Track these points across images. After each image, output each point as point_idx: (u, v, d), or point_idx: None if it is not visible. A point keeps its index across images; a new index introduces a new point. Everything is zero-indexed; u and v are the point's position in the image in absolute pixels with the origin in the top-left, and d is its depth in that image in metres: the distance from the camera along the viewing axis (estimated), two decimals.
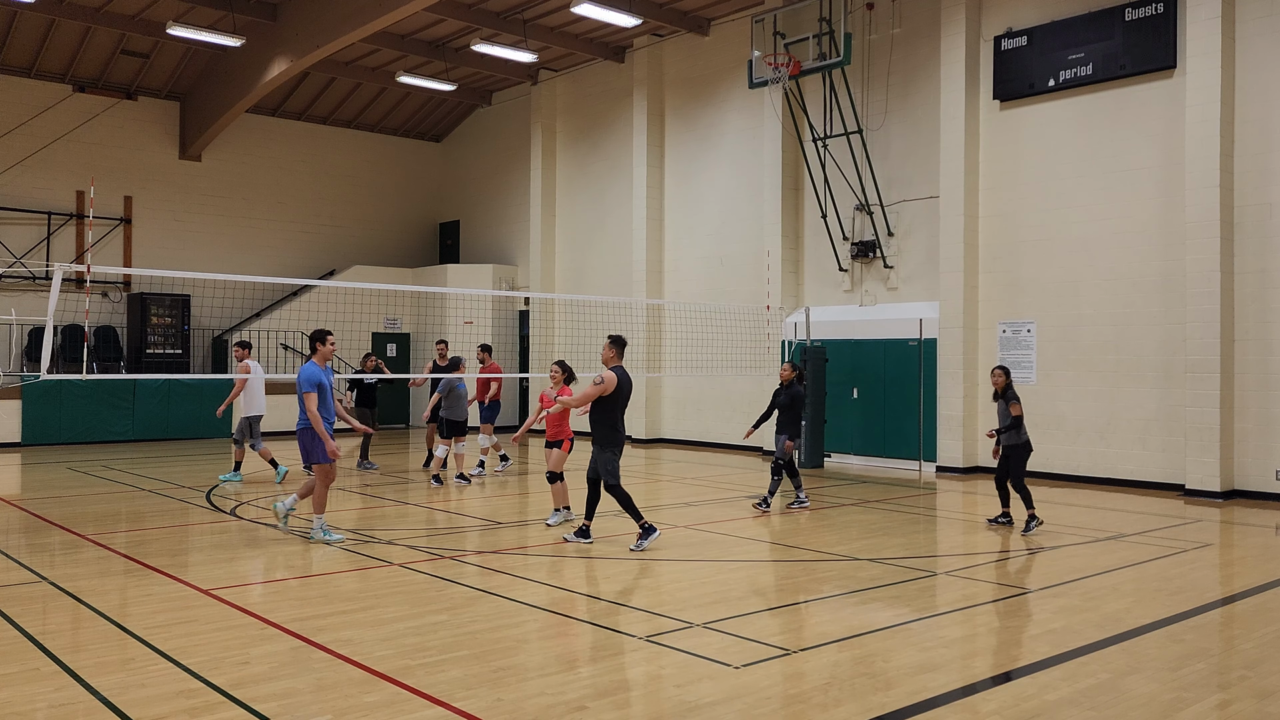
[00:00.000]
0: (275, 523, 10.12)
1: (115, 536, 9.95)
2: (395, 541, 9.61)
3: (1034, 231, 15.39)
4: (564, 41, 21.28)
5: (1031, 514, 10.43)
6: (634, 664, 5.86)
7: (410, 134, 27.73)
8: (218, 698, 5.14)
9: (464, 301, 23.97)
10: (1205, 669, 5.85)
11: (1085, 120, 14.87)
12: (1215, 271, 13.27)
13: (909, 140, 17.00)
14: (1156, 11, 14.08)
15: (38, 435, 19.50)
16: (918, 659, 5.96)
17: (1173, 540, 10.08)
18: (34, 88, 21.85)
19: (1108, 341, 14.59)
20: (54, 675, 5.50)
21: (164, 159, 23.71)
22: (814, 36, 16.52)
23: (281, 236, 25.33)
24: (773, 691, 5.39)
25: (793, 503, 12.04)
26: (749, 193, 19.58)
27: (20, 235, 21.67)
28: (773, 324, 17.85)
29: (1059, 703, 5.19)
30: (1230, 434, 13.34)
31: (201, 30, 18.85)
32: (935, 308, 16.39)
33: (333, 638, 6.23)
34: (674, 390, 21.08)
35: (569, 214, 23.93)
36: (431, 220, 28.38)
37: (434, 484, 13.68)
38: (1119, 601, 7.41)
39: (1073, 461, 14.87)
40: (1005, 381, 10.66)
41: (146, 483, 14.06)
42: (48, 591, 7.55)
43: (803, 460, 16.91)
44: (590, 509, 9.71)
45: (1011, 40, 15.61)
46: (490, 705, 5.08)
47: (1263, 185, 13.20)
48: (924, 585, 8.05)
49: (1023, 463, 10.59)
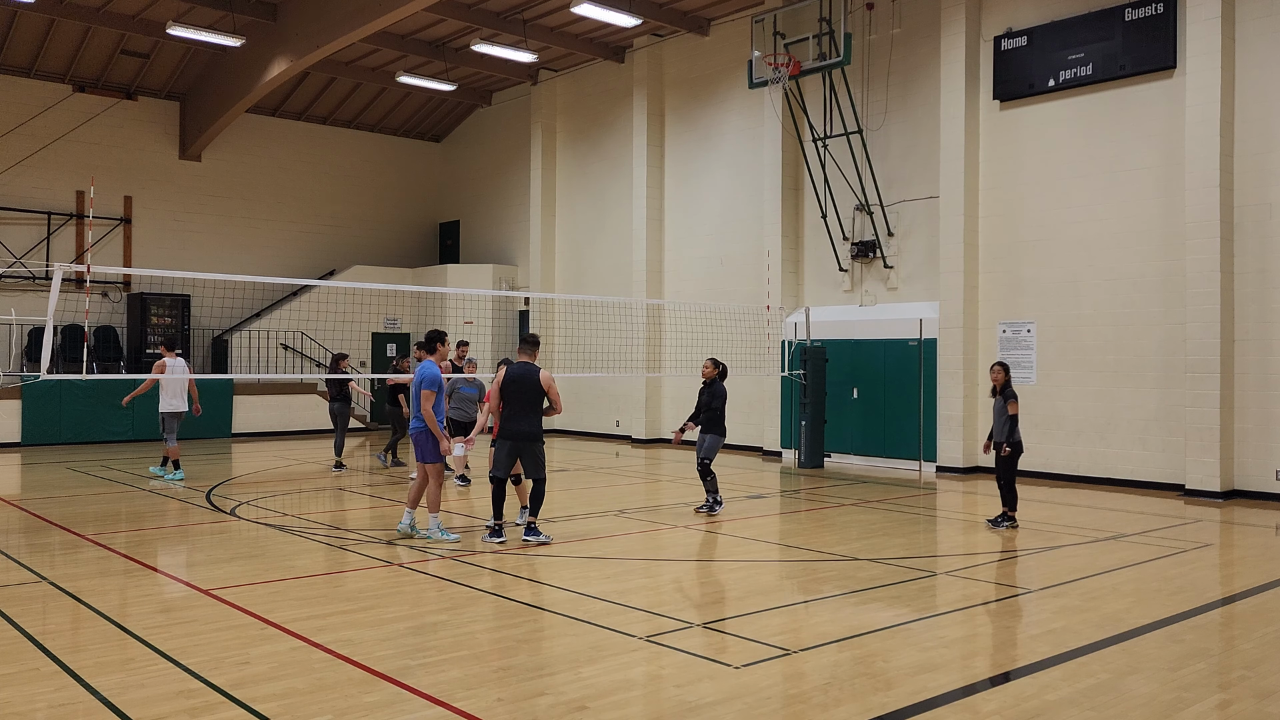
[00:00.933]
0: (408, 543, 9.56)
1: (115, 536, 9.95)
2: (395, 542, 9.61)
3: (1034, 231, 15.39)
4: (564, 41, 21.27)
5: (1011, 514, 10.49)
6: (634, 664, 5.86)
7: (410, 134, 27.73)
8: (218, 698, 5.14)
9: (464, 301, 23.96)
10: (1205, 669, 5.85)
11: (1085, 120, 14.87)
12: (1215, 271, 13.27)
13: (909, 140, 17.00)
14: (1156, 11, 14.08)
15: (38, 435, 19.50)
16: (918, 659, 5.96)
17: (1173, 540, 10.08)
18: (34, 88, 21.85)
19: (1108, 341, 14.59)
20: (54, 675, 5.50)
21: (164, 159, 23.71)
22: (814, 36, 16.52)
23: (281, 236, 25.34)
24: (773, 691, 5.39)
25: (701, 506, 11.54)
26: (749, 193, 19.58)
27: (20, 235, 21.67)
28: (773, 324, 17.85)
29: (1059, 703, 5.19)
30: (1230, 434, 13.34)
31: (201, 30, 18.84)
32: (935, 308, 16.39)
33: (333, 638, 6.23)
34: (674, 390, 21.07)
35: (569, 214, 23.93)
36: (431, 220, 28.38)
37: (460, 484, 13.63)
38: (1119, 601, 7.41)
39: (1073, 461, 14.86)
40: (1005, 378, 10.57)
41: (147, 483, 14.06)
42: (48, 591, 7.55)
43: (803, 460, 16.93)
44: (499, 507, 9.53)
45: (1011, 40, 15.61)
46: (490, 705, 5.08)
47: (1263, 185, 13.20)
48: (924, 585, 8.05)
49: (1015, 462, 10.57)
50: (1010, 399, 10.41)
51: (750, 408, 19.31)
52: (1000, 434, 10.49)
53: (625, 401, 21.72)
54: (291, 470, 15.64)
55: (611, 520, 11.15)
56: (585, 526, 10.93)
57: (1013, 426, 10.42)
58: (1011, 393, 10.46)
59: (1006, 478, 10.54)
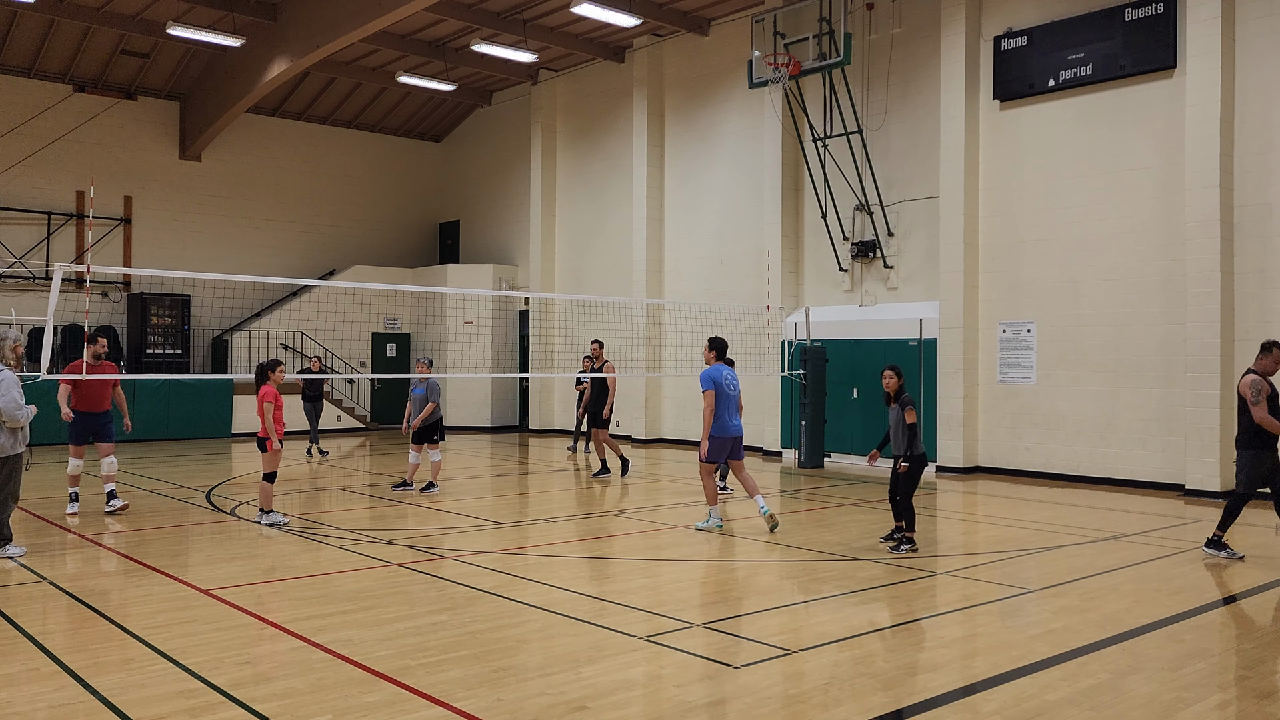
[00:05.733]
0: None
1: (115, 537, 9.95)
2: (395, 541, 9.61)
3: (1034, 231, 15.39)
4: (564, 41, 21.28)
5: (909, 535, 9.26)
6: (634, 664, 5.85)
7: (410, 134, 27.73)
8: (218, 698, 5.14)
9: (464, 301, 23.96)
10: (1205, 669, 5.84)
11: (1085, 120, 14.87)
12: (1215, 271, 13.26)
13: (909, 140, 17.00)
14: (1156, 11, 14.08)
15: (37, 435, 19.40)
16: (918, 659, 5.95)
17: (1173, 540, 10.08)
18: (34, 88, 21.85)
19: (1108, 341, 14.58)
20: (54, 675, 5.50)
21: (164, 159, 23.72)
22: (814, 36, 16.52)
23: (281, 236, 25.34)
24: (773, 691, 5.39)
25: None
26: (749, 193, 19.58)
27: (20, 235, 21.68)
28: (773, 324, 17.85)
29: (1059, 703, 5.19)
30: (1230, 434, 13.29)
31: (201, 30, 18.85)
32: (935, 308, 16.39)
33: (333, 638, 6.23)
34: (674, 390, 21.07)
35: (569, 214, 23.93)
36: (431, 220, 28.39)
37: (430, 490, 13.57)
38: (1119, 601, 7.41)
39: (1073, 461, 14.86)
40: (898, 383, 9.39)
41: (146, 483, 14.06)
42: (48, 591, 7.55)
43: (803, 460, 16.93)
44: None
45: (1011, 40, 15.61)
46: (490, 705, 5.07)
47: (1263, 185, 13.20)
48: (924, 585, 8.05)
49: (916, 477, 9.28)
50: (908, 406, 9.23)
51: (750, 408, 19.28)
52: (900, 446, 9.29)
53: (625, 401, 21.70)
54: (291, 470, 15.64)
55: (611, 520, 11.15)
56: (585, 526, 10.93)
57: (912, 437, 9.21)
58: (908, 399, 9.30)
59: (905, 491, 9.23)
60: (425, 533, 10.28)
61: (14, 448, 8.78)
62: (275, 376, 10.54)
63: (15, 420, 8.63)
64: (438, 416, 13.38)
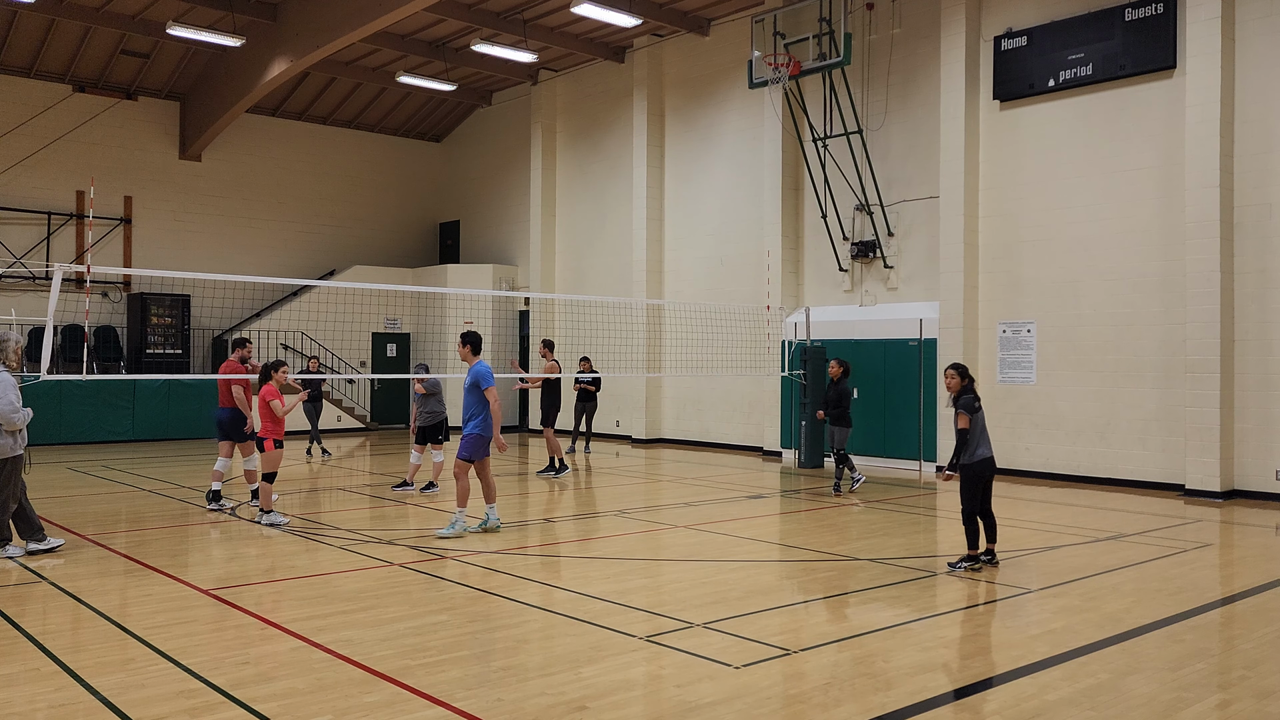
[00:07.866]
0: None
1: (115, 536, 9.95)
2: (395, 541, 9.61)
3: (1034, 231, 15.39)
4: (564, 41, 21.27)
5: (973, 553, 8.55)
6: (634, 664, 5.85)
7: (410, 134, 27.73)
8: (218, 698, 5.14)
9: (464, 301, 23.96)
10: (1205, 669, 5.85)
11: (1085, 120, 14.87)
12: (1215, 271, 13.26)
13: (909, 140, 17.00)
14: (1156, 12, 14.07)
15: (37, 435, 19.44)
16: (918, 659, 5.96)
17: (1173, 540, 10.08)
18: (34, 88, 21.85)
19: (1108, 341, 14.58)
20: (54, 675, 5.50)
21: (164, 159, 23.71)
22: (814, 36, 16.51)
23: (281, 236, 25.33)
24: (773, 691, 5.39)
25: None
26: (749, 193, 19.58)
27: (20, 235, 21.67)
28: (773, 324, 17.85)
29: (1059, 703, 5.19)
30: (1230, 434, 13.34)
31: (201, 30, 18.84)
32: (935, 308, 16.39)
33: (333, 638, 6.23)
34: (674, 390, 21.07)
35: (569, 214, 23.93)
36: (431, 220, 28.38)
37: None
38: (1119, 601, 7.41)
39: (1073, 461, 14.86)
40: (960, 384, 8.83)
41: (146, 483, 14.06)
42: (48, 591, 7.55)
43: (803, 460, 16.93)
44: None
45: (1011, 40, 15.60)
46: (490, 705, 5.08)
47: (1263, 185, 13.20)
48: (924, 585, 8.05)
49: (965, 489, 8.57)
50: (960, 410, 8.64)
51: (750, 408, 19.33)
52: (960, 453, 8.56)
53: (625, 401, 21.71)
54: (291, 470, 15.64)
55: (611, 520, 11.15)
56: (585, 526, 10.93)
57: (961, 444, 8.56)
58: (965, 401, 8.70)
59: (963, 507, 8.51)
60: (426, 533, 10.27)
61: (14, 449, 8.77)
62: (278, 377, 10.56)
63: (11, 423, 8.63)
64: (442, 417, 13.40)
